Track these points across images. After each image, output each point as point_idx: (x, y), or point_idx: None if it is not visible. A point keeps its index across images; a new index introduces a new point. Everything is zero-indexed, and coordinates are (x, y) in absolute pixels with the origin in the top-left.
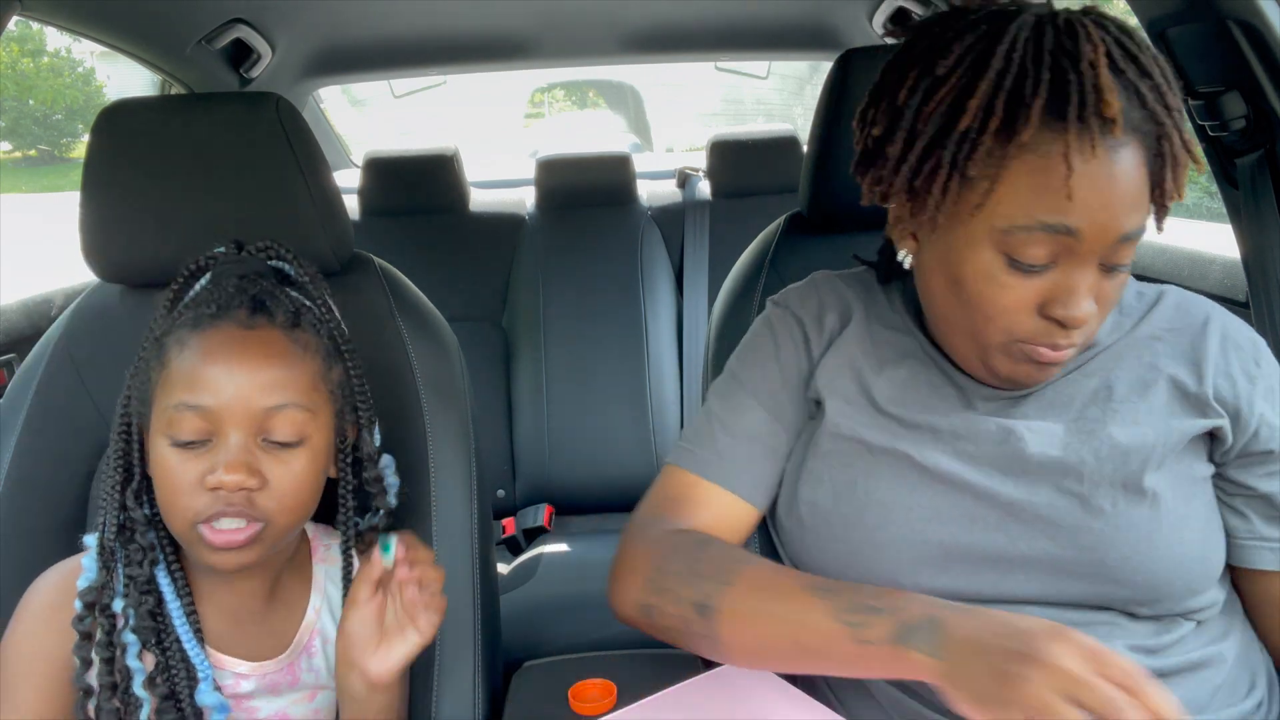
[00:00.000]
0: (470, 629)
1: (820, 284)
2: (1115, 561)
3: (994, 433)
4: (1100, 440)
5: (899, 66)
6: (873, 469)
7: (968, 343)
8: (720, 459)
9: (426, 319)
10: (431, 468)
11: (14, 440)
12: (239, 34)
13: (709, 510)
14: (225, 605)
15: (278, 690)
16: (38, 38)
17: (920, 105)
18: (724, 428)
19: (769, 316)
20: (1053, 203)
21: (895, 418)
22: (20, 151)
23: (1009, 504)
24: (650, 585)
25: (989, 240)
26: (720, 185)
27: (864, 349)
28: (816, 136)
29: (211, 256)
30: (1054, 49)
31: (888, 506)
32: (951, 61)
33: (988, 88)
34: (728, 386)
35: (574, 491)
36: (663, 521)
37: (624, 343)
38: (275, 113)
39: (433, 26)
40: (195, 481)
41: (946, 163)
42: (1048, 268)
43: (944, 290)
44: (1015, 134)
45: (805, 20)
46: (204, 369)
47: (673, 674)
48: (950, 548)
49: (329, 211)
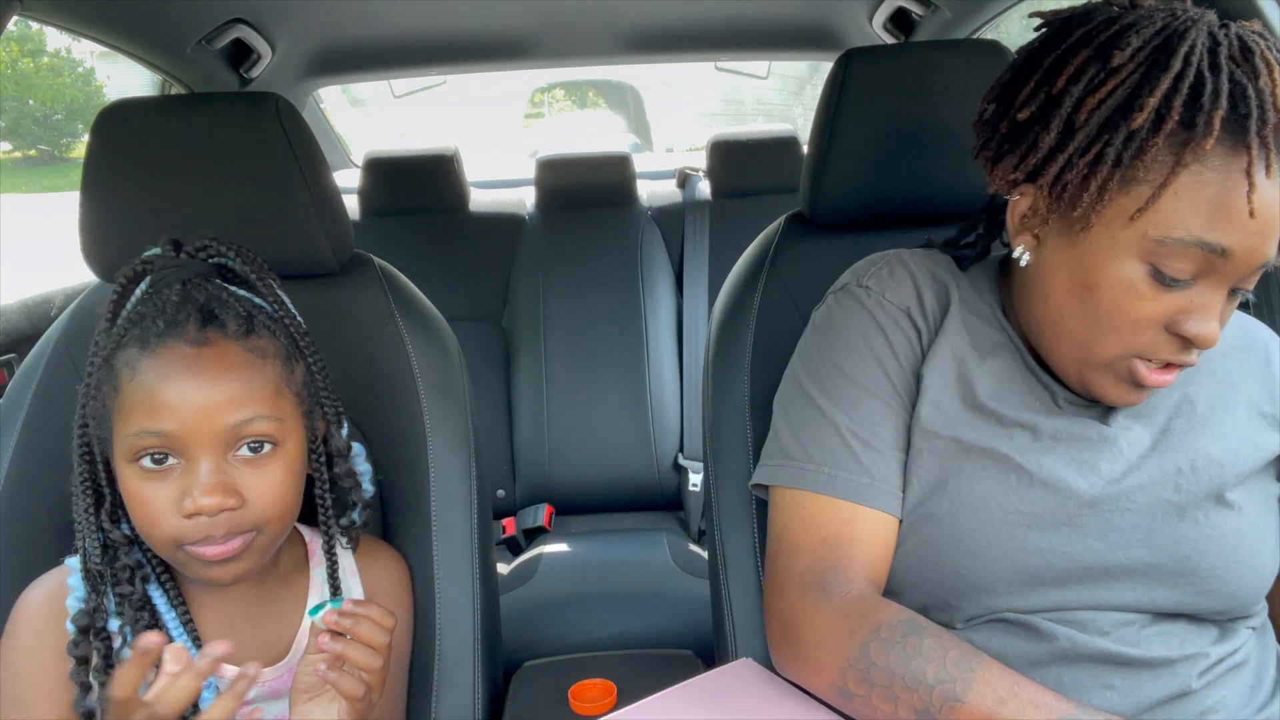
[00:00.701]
0: (470, 629)
1: (909, 264)
2: (1206, 570)
3: (1094, 438)
4: (1195, 451)
5: (1057, 49)
6: (966, 469)
7: (1073, 351)
8: (873, 480)
9: (426, 319)
10: (431, 468)
11: (14, 440)
12: (239, 34)
13: (875, 544)
14: (220, 612)
15: (279, 695)
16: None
17: (1084, 94)
18: (863, 442)
19: (866, 306)
20: (1217, 219)
21: (994, 415)
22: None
23: (1109, 511)
24: (854, 674)
25: (1137, 249)
26: (720, 185)
27: (965, 338)
28: (817, 137)
29: (147, 261)
30: (1231, 59)
31: (982, 510)
32: (1128, 54)
33: (1167, 87)
34: (843, 389)
35: (574, 491)
36: (835, 579)
37: (624, 343)
38: (275, 113)
39: (433, 26)
40: (170, 506)
41: (1110, 160)
42: (1188, 284)
43: (1066, 294)
44: (1191, 141)
45: (805, 20)
46: (160, 393)
47: (673, 674)
48: (1047, 555)
49: (329, 211)
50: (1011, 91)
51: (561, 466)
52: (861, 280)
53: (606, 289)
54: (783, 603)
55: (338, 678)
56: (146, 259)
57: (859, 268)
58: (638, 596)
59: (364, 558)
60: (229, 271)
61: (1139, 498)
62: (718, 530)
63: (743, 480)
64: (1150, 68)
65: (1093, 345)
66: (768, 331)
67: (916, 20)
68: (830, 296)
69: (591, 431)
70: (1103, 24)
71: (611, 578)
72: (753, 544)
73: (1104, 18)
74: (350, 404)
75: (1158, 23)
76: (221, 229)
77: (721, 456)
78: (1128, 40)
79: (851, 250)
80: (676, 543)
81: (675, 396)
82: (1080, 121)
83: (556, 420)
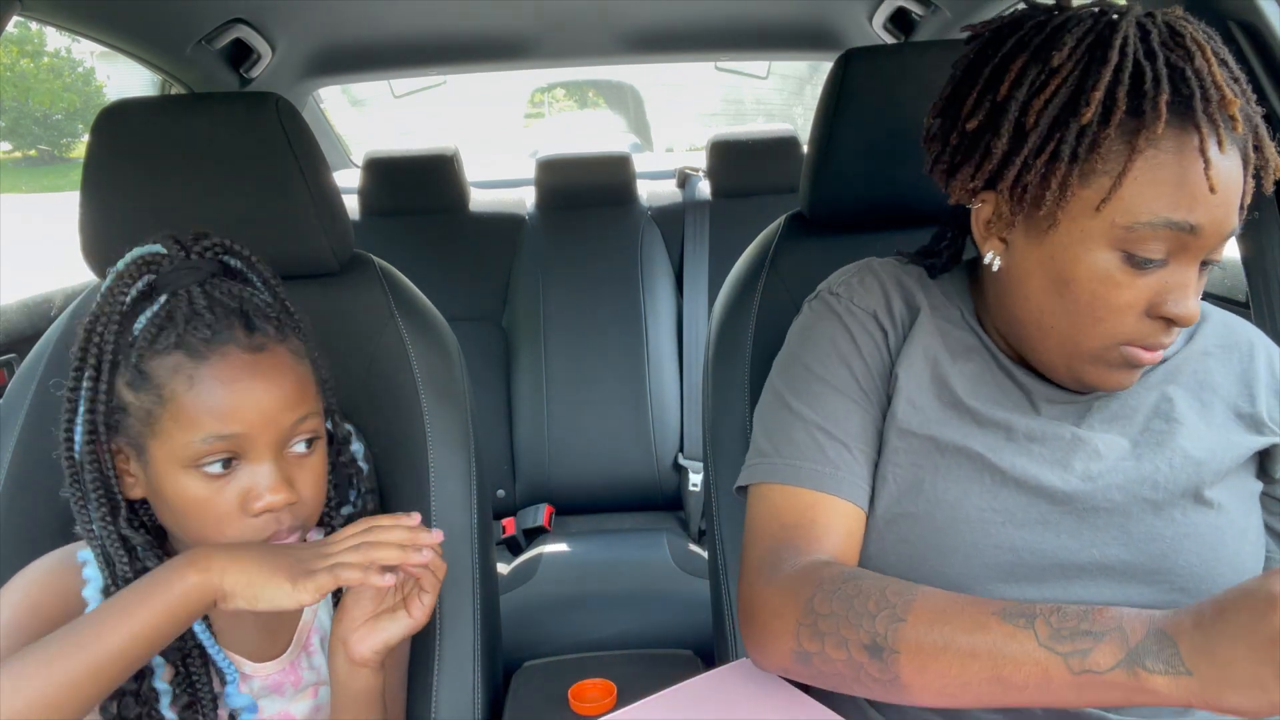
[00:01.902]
0: (470, 629)
1: (878, 271)
2: (1183, 567)
3: (1068, 439)
4: (1173, 451)
5: (993, 57)
6: (941, 467)
7: (1060, 346)
8: (836, 470)
9: (426, 319)
10: (431, 468)
11: (14, 440)
12: (239, 34)
13: (836, 530)
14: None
15: (281, 690)
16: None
17: (1029, 97)
18: (828, 434)
19: (835, 311)
20: (1179, 199)
21: (970, 412)
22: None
23: (1085, 509)
24: (805, 631)
25: (1107, 238)
26: (720, 185)
27: (937, 339)
28: (817, 136)
29: (152, 261)
30: (1163, 44)
31: (958, 508)
32: (1065, 53)
33: (1109, 79)
34: (811, 388)
35: (574, 491)
36: (790, 555)
37: (624, 343)
38: (275, 113)
39: (433, 26)
40: (235, 508)
41: (1066, 156)
42: (1161, 264)
43: (1045, 292)
44: (1142, 128)
45: (805, 20)
46: (229, 399)
47: (673, 674)
48: (1022, 552)
49: (329, 211)
50: (956, 104)
51: (561, 466)
52: (832, 288)
53: (606, 289)
54: (742, 588)
55: (420, 573)
56: (149, 258)
57: (831, 277)
58: (638, 596)
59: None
60: (229, 269)
61: (1115, 495)
62: (718, 530)
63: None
64: (1089, 63)
65: (1079, 338)
66: (768, 331)
67: (916, 20)
68: (805, 305)
69: (591, 431)
70: (1034, 28)
71: (611, 578)
72: None
73: (1034, 22)
74: (350, 404)
75: (1087, 21)
76: (221, 229)
77: (721, 456)
78: (1062, 40)
79: (851, 250)
80: (676, 543)
81: (675, 396)
82: (1030, 124)
83: (556, 420)
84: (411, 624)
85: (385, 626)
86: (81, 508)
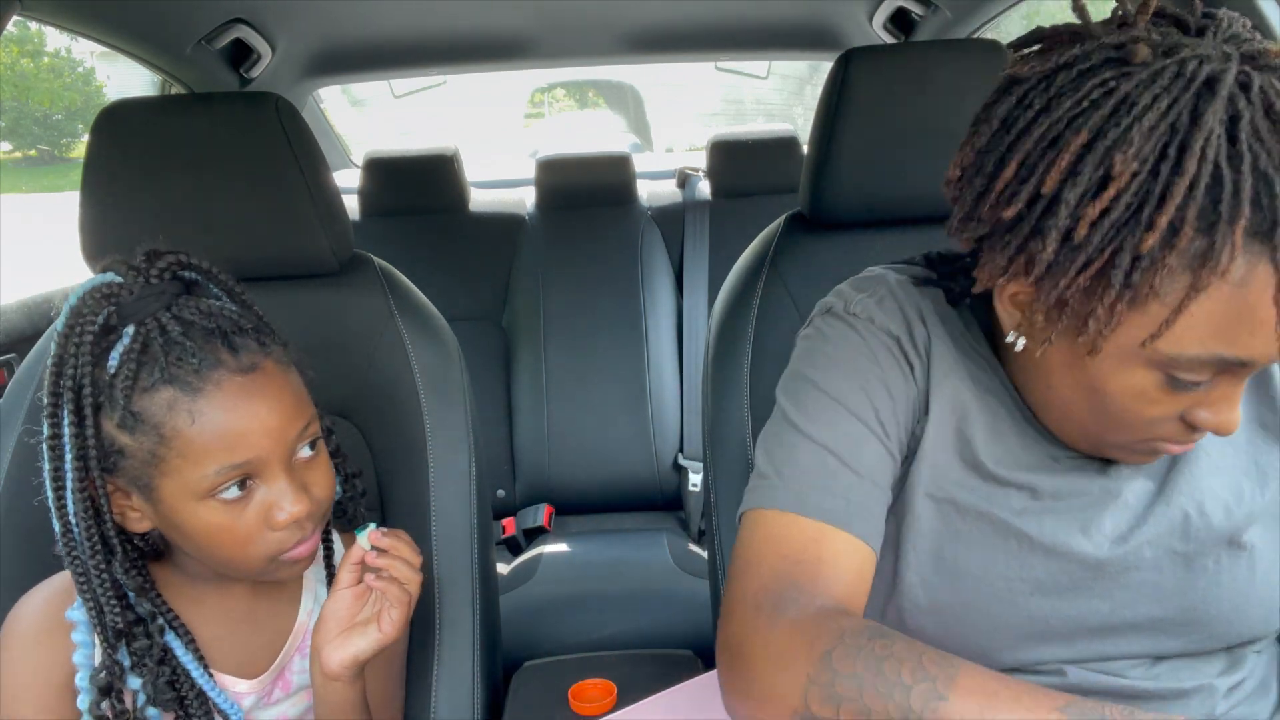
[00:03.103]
0: (470, 629)
1: (894, 289)
2: (1214, 617)
3: (1095, 494)
4: (1202, 493)
5: (1042, 120)
6: (963, 534)
7: (1081, 432)
8: (848, 503)
9: (426, 319)
10: (431, 468)
11: (14, 440)
12: (239, 34)
13: (846, 570)
14: (216, 613)
15: (272, 697)
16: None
17: (1081, 202)
18: (840, 460)
19: (856, 329)
20: (1238, 335)
21: (993, 476)
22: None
23: (1116, 571)
24: (817, 692)
25: (1148, 360)
26: (720, 185)
27: (959, 383)
28: (817, 136)
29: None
30: (1255, 135)
31: (983, 580)
32: (1131, 156)
33: (1180, 199)
34: (821, 408)
35: (574, 491)
36: (798, 594)
37: (624, 343)
38: (275, 113)
39: (433, 26)
40: (258, 526)
41: (1118, 284)
42: (1206, 384)
43: (1071, 390)
44: (1209, 259)
45: (805, 20)
46: (235, 427)
47: (673, 674)
48: (1051, 619)
49: (329, 211)
50: (991, 162)
51: (561, 466)
52: (850, 306)
53: (606, 289)
54: (732, 625)
55: (386, 585)
56: (105, 289)
57: (845, 293)
58: (638, 596)
59: (347, 539)
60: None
61: (1146, 553)
62: (717, 530)
63: (743, 480)
64: (1157, 169)
65: (1105, 434)
66: (768, 331)
67: (916, 20)
68: (817, 319)
69: (591, 431)
70: (1097, 93)
71: (611, 578)
72: None
73: (1096, 83)
74: (350, 404)
75: (1163, 100)
76: (221, 229)
77: (721, 456)
78: (1129, 135)
79: (851, 250)
80: (676, 543)
81: (675, 396)
82: (1080, 237)
83: (556, 420)
84: (380, 638)
85: (355, 641)
86: (73, 556)
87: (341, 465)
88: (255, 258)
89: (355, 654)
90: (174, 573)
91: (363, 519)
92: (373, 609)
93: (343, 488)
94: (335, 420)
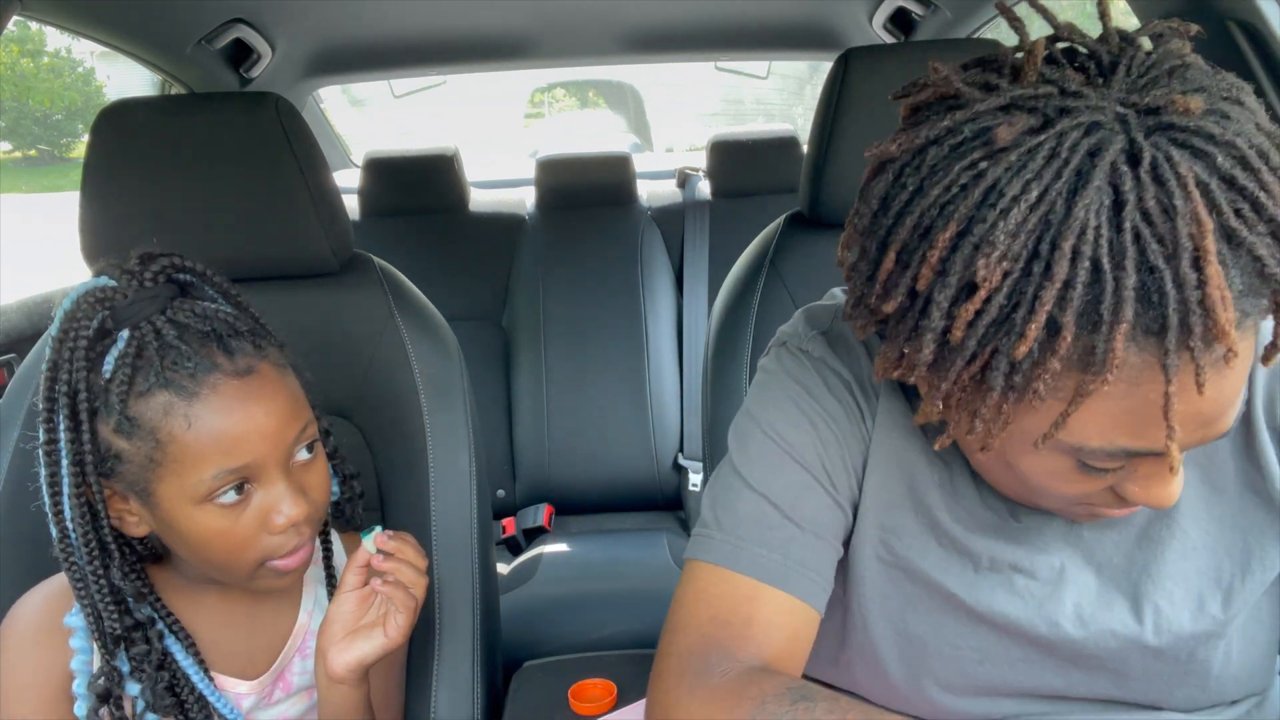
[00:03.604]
0: (470, 629)
1: (845, 329)
2: (1180, 698)
3: (1057, 569)
4: (1173, 578)
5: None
6: (913, 598)
7: (1017, 494)
8: (786, 558)
9: (426, 319)
10: (431, 468)
11: (14, 440)
12: (239, 34)
13: (780, 629)
14: (216, 615)
15: (272, 698)
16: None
17: (951, 305)
18: (779, 511)
19: (806, 368)
20: (1142, 431)
21: (949, 537)
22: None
23: (1072, 654)
24: None
25: (1054, 447)
26: (720, 185)
27: (911, 439)
28: (816, 136)
29: (104, 297)
30: (1141, 225)
31: (931, 644)
32: (994, 261)
33: (1051, 306)
34: (764, 453)
35: (574, 491)
36: (722, 658)
37: (624, 343)
38: (275, 113)
39: (433, 26)
40: (255, 530)
41: (998, 389)
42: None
43: (991, 461)
44: (1092, 364)
45: (805, 20)
46: (231, 431)
47: None
48: (999, 687)
49: (329, 211)
50: (873, 247)
51: (561, 466)
52: (802, 343)
53: (606, 289)
54: (657, 691)
55: (392, 590)
56: (99, 293)
57: (799, 326)
58: (638, 596)
59: (347, 538)
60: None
61: (1110, 643)
62: None
63: None
64: (1030, 269)
65: (1038, 501)
66: (768, 331)
67: (916, 20)
68: (774, 350)
69: (591, 431)
70: (965, 177)
71: (611, 578)
72: None
73: (964, 165)
74: (350, 404)
75: (1034, 189)
76: (221, 229)
77: (721, 456)
78: (994, 234)
79: None
80: (676, 543)
81: (675, 396)
82: (956, 339)
83: (556, 420)
84: (385, 643)
85: (359, 645)
86: (70, 562)
87: (340, 466)
88: (255, 258)
89: (360, 658)
90: (173, 575)
91: (361, 519)
92: (378, 612)
93: (341, 488)
94: (335, 420)
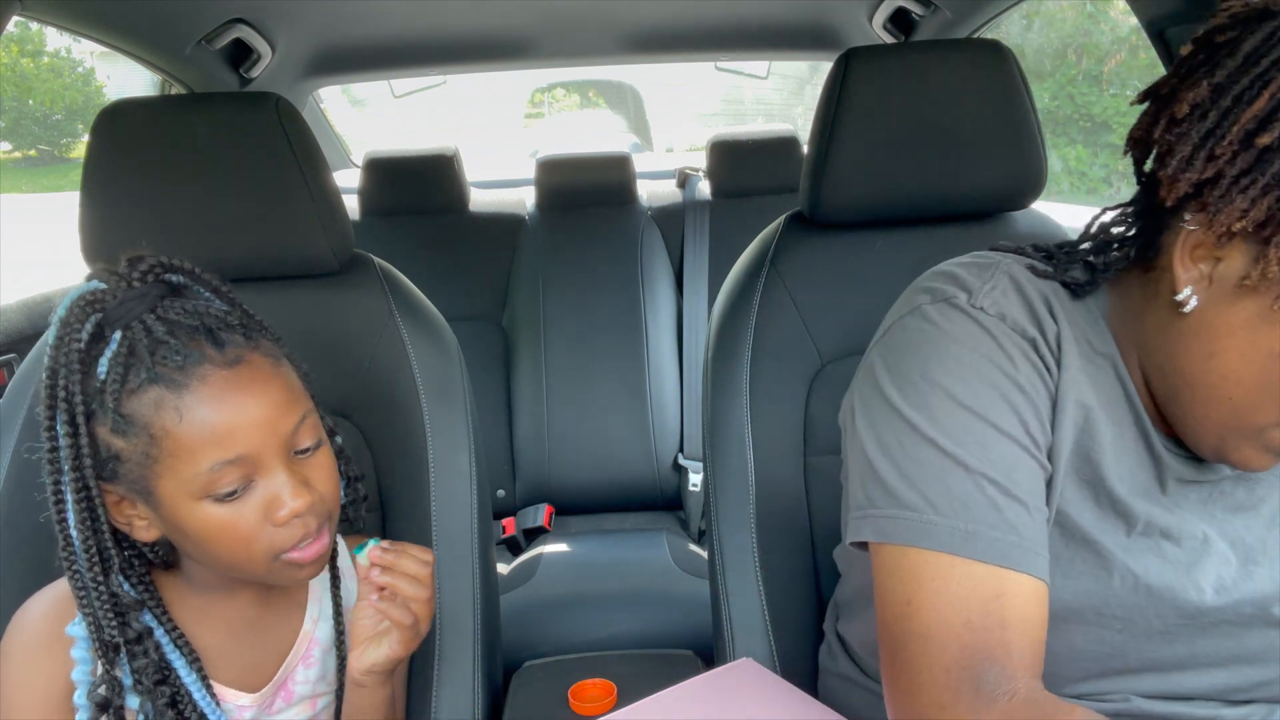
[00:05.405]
0: (470, 629)
1: (1020, 283)
2: None
3: (1200, 540)
4: None
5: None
6: (1064, 558)
7: (1221, 418)
8: (1021, 539)
9: (426, 319)
10: (431, 468)
11: (14, 440)
12: (239, 34)
13: (1031, 621)
14: (221, 623)
15: (274, 708)
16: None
17: None
18: (1004, 491)
19: (984, 328)
20: None
21: (1112, 494)
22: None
23: (1209, 623)
24: None
25: None
26: (720, 185)
27: (1090, 394)
28: (816, 136)
29: (95, 300)
30: None
31: (1074, 610)
32: None
33: None
34: (968, 427)
35: (574, 491)
36: (998, 675)
37: (624, 343)
38: (275, 113)
39: (433, 26)
40: (260, 522)
41: None
42: None
43: (1240, 358)
44: None
45: (805, 20)
46: (222, 422)
47: (673, 674)
48: (1132, 660)
49: (329, 211)
50: (1228, 97)
51: (561, 466)
52: (975, 299)
53: (606, 289)
54: (926, 706)
55: (388, 607)
56: (91, 296)
57: (965, 281)
58: (638, 596)
59: (351, 540)
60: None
61: (1246, 610)
62: (717, 530)
63: (742, 480)
64: None
65: (1252, 413)
66: (768, 330)
67: (916, 20)
68: (927, 307)
69: (591, 431)
70: None
71: (611, 578)
72: (751, 544)
73: None
74: (350, 404)
75: None
76: (221, 229)
77: (721, 456)
78: None
79: (851, 250)
80: (676, 543)
81: (675, 396)
82: None
83: (556, 420)
84: (389, 652)
85: (371, 651)
86: (73, 570)
87: (345, 468)
88: (255, 257)
89: (371, 664)
90: (182, 583)
91: (364, 522)
92: (389, 619)
93: (345, 491)
94: (336, 421)
